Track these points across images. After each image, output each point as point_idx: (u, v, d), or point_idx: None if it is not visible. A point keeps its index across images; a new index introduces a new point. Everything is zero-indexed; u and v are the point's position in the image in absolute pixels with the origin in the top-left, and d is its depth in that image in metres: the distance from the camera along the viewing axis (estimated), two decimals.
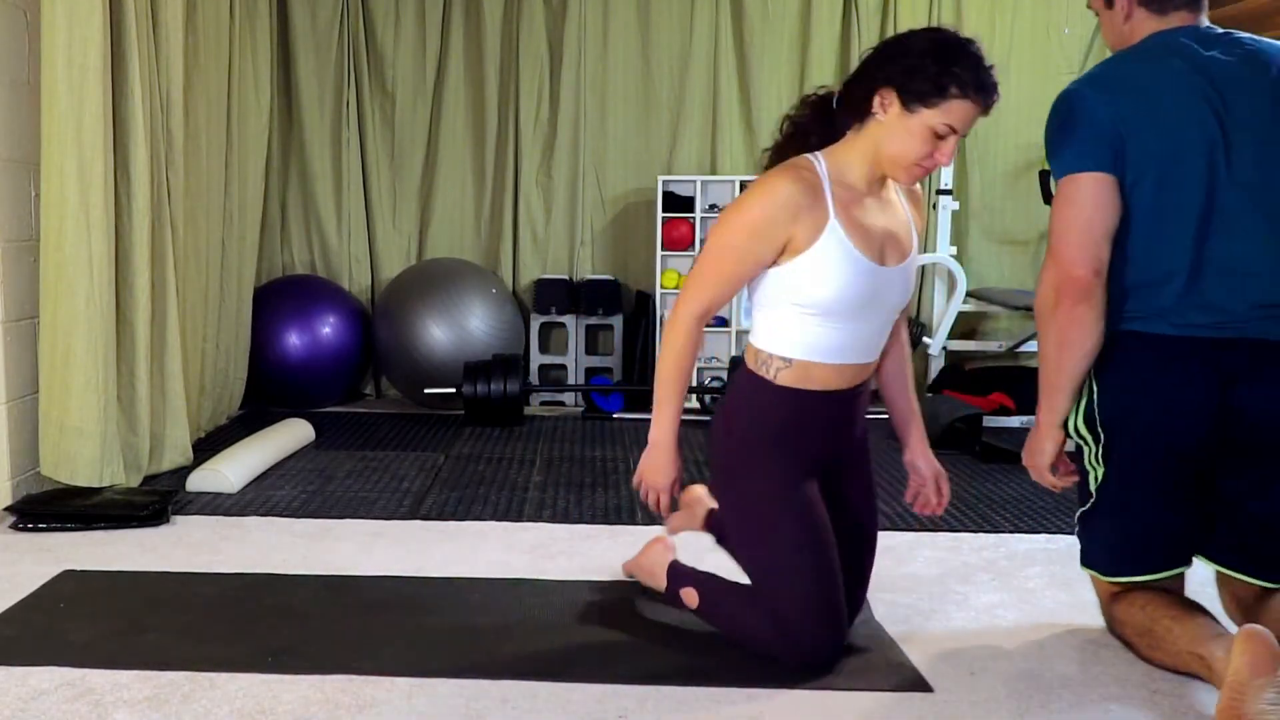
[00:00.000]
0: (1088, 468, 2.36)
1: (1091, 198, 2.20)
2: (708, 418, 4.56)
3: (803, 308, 2.13)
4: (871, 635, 2.43)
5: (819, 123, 2.21)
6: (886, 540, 3.18)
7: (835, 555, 2.22)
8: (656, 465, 2.24)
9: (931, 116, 2.01)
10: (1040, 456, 2.37)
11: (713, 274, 2.13)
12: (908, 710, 2.07)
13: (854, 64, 6.26)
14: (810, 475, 2.25)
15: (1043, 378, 2.33)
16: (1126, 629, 2.34)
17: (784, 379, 2.18)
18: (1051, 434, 2.35)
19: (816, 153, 2.18)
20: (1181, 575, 2.34)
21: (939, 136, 2.03)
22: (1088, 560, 2.40)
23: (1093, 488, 2.35)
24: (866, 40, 5.70)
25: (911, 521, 3.37)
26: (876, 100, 2.05)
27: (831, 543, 2.22)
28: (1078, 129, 2.22)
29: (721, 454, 2.29)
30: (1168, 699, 2.13)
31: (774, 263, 2.13)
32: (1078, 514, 2.41)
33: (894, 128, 2.04)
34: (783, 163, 2.18)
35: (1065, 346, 2.26)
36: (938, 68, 1.99)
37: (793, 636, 2.18)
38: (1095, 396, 2.31)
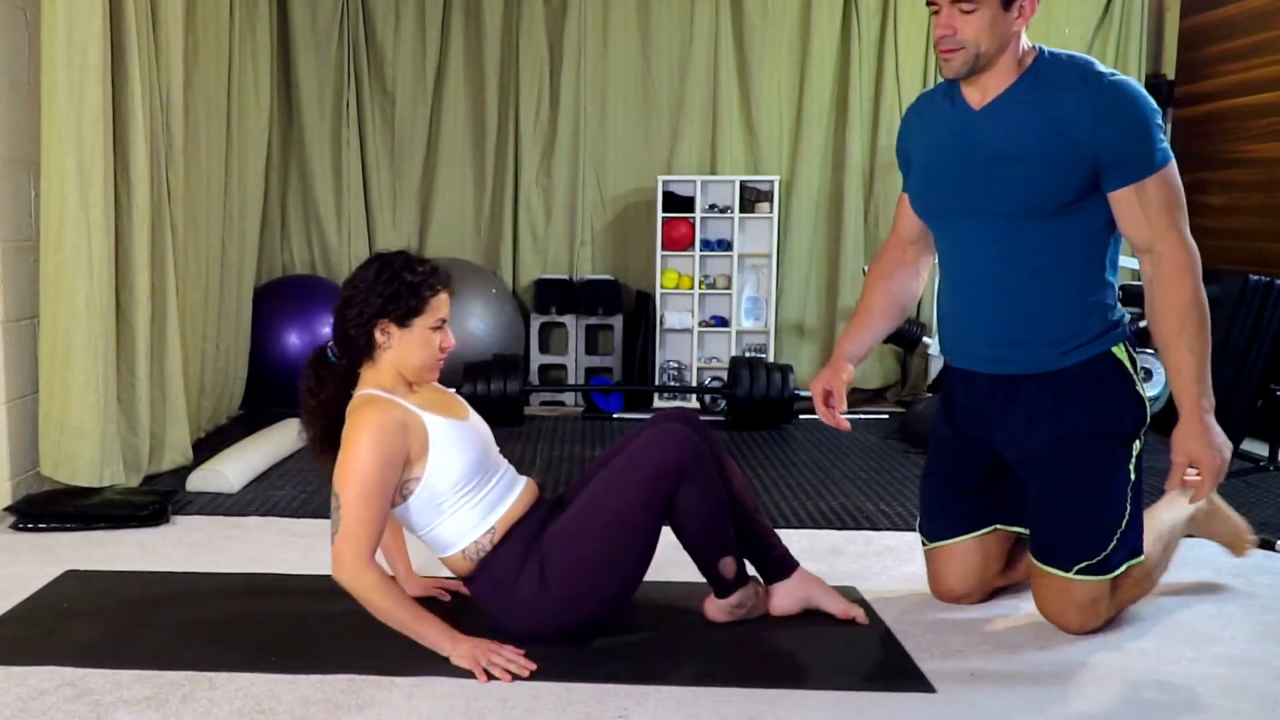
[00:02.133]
0: (1129, 479, 2.36)
1: None
2: (709, 418, 4.57)
3: (459, 492, 2.28)
4: (873, 635, 2.43)
5: (329, 378, 2.35)
6: (886, 540, 3.19)
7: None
8: (482, 645, 2.22)
9: (424, 321, 2.27)
10: (1226, 448, 2.22)
11: (369, 516, 2.17)
12: (908, 710, 2.07)
13: (854, 64, 6.26)
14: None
15: (1201, 367, 2.21)
16: (1159, 569, 2.53)
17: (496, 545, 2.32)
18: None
19: (357, 391, 2.30)
20: None
21: (435, 330, 2.30)
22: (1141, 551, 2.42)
23: (1130, 492, 2.35)
24: (867, 40, 5.70)
25: (911, 522, 3.37)
26: (378, 334, 2.26)
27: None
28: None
29: (530, 615, 2.31)
30: (1169, 695, 2.13)
31: (415, 482, 2.26)
32: (1119, 533, 2.35)
33: (404, 345, 2.28)
34: (351, 409, 2.26)
35: None
36: (407, 285, 2.25)
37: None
38: (1145, 395, 2.37)
